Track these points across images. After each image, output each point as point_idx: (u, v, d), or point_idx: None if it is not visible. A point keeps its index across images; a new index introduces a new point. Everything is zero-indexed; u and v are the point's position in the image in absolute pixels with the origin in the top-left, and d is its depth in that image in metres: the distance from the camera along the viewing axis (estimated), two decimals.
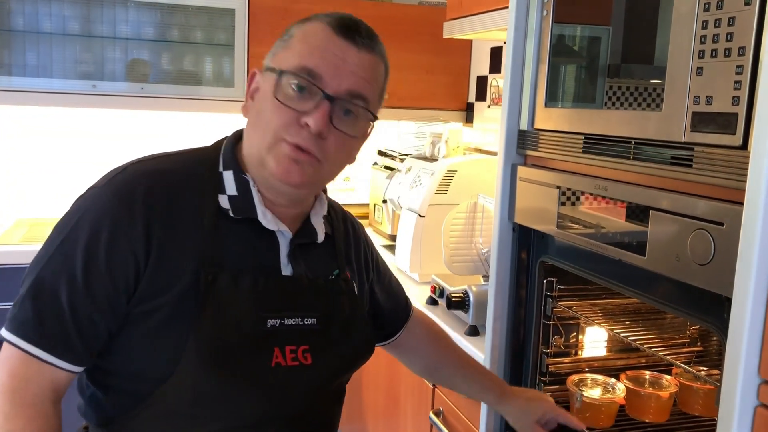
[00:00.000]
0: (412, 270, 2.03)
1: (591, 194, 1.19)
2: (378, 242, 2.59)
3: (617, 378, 1.39)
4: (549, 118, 1.31)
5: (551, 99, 1.32)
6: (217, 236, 1.01)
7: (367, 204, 3.00)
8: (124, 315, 0.97)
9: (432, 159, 2.17)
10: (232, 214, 1.02)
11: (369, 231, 2.82)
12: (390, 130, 3.19)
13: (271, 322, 1.01)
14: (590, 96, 1.25)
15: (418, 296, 1.91)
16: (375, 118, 1.06)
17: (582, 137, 1.21)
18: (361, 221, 3.10)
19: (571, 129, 1.25)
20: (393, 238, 2.56)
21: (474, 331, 1.62)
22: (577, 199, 1.23)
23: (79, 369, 0.96)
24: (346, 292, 1.13)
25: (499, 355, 1.45)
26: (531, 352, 1.43)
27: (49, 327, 0.93)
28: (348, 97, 1.00)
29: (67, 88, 2.45)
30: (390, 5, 2.82)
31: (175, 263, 0.97)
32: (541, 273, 1.39)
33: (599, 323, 1.43)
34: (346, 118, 1.01)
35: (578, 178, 1.22)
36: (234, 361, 0.98)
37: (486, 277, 1.74)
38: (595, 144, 1.18)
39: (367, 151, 3.14)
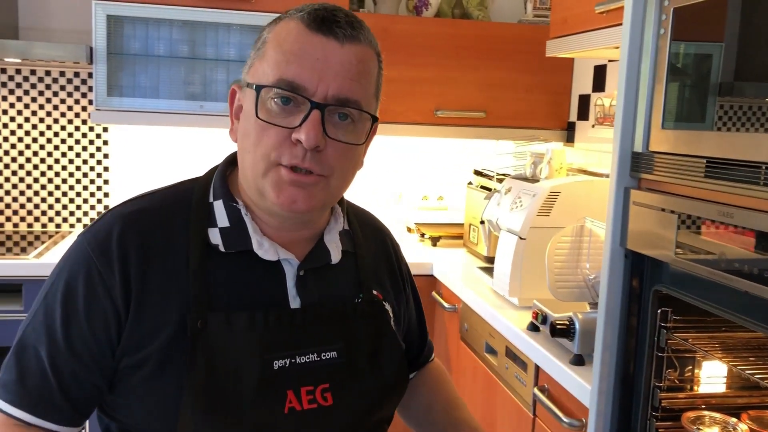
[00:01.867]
0: (511, 294, 1.98)
1: (714, 221, 1.12)
2: (473, 264, 2.55)
3: (738, 417, 1.30)
4: (666, 140, 1.25)
5: (668, 120, 1.26)
6: (207, 275, 0.91)
7: (462, 224, 2.97)
8: (112, 369, 0.90)
9: (533, 179, 2.12)
10: (222, 249, 0.93)
11: (463, 252, 2.79)
12: (486, 150, 3.15)
13: (278, 363, 0.90)
14: (707, 116, 1.19)
15: (516, 322, 1.86)
16: (375, 119, 0.93)
17: (704, 161, 1.14)
18: (456, 242, 3.06)
19: (690, 152, 1.18)
20: (488, 259, 2.51)
21: (579, 361, 1.56)
22: (698, 226, 1.16)
23: (72, 429, 0.91)
24: (374, 315, 1.01)
25: (607, 387, 1.38)
26: (642, 385, 1.36)
27: (31, 386, 0.87)
28: (338, 102, 0.88)
29: (175, 108, 2.56)
30: (490, 24, 2.80)
31: (158, 310, 0.89)
32: (655, 302, 1.32)
33: (718, 357, 1.35)
34: (341, 123, 0.89)
35: (699, 204, 1.15)
36: (238, 412, 0.87)
37: (592, 305, 1.67)
38: (718, 168, 1.11)
39: (462, 171, 3.12)
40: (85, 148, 2.86)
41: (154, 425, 0.89)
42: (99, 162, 2.88)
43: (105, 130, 2.87)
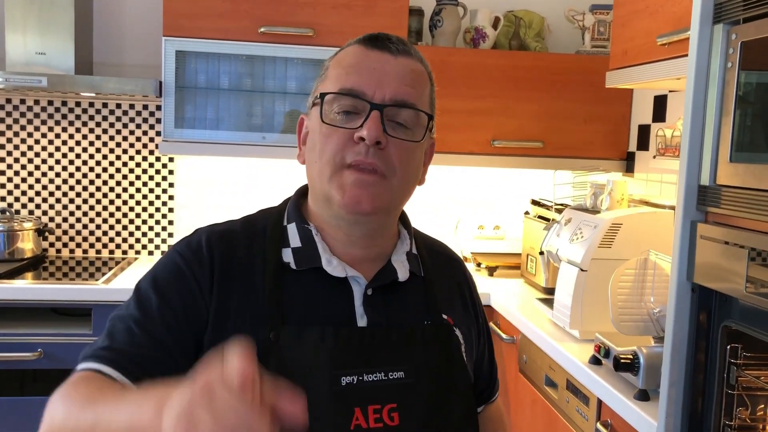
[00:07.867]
0: (572, 326, 1.95)
1: None
2: (531, 295, 2.53)
3: None
4: (735, 174, 1.24)
5: (736, 152, 1.24)
6: (279, 291, 0.96)
7: (518, 254, 2.95)
8: (192, 356, 0.91)
9: (593, 210, 2.10)
10: (294, 267, 0.98)
11: (521, 282, 2.77)
12: (544, 180, 3.14)
13: (346, 380, 0.92)
14: None
15: (578, 355, 1.83)
16: (431, 117, 1.01)
17: None
18: (512, 272, 3.03)
19: (760, 186, 1.17)
20: (547, 290, 2.49)
21: (644, 396, 1.53)
22: (763, 259, 1.14)
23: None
24: (443, 340, 1.01)
25: (674, 425, 1.36)
26: (711, 423, 1.33)
27: (118, 347, 0.90)
28: (395, 104, 0.95)
29: (238, 139, 2.63)
30: (547, 55, 2.81)
31: (233, 322, 0.93)
32: (724, 338, 1.29)
33: None
34: (399, 127, 0.96)
35: None
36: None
37: (657, 339, 1.64)
38: None
39: (519, 201, 3.11)
40: (151, 178, 2.97)
41: None
42: (164, 191, 2.98)
43: (171, 160, 2.97)
